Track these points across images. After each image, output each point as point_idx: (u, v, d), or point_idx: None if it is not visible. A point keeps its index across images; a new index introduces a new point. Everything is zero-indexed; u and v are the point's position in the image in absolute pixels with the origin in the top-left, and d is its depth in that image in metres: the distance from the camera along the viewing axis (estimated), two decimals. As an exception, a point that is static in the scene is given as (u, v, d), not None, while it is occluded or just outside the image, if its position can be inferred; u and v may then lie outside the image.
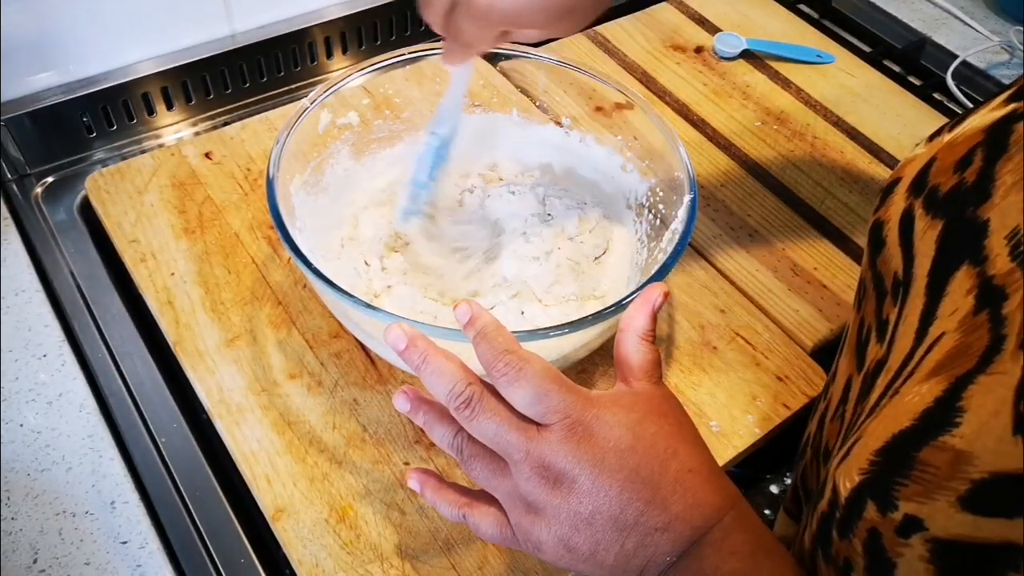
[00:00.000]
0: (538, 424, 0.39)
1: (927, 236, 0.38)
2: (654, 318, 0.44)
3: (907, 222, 0.40)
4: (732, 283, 0.67)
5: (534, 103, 0.72)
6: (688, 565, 0.38)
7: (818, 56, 0.89)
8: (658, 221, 0.62)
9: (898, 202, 0.41)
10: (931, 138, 0.42)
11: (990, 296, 0.32)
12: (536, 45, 0.66)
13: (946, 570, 0.31)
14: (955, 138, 0.39)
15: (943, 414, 0.31)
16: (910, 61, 0.94)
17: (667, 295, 0.45)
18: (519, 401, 0.39)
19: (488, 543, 0.51)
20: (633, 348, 0.43)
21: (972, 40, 0.94)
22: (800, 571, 0.39)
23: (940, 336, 0.34)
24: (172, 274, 0.64)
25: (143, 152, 0.76)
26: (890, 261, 0.41)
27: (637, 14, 0.93)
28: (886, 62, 0.94)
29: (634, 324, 0.44)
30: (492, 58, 0.68)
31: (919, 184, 0.40)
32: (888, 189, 0.43)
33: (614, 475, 0.38)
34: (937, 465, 0.31)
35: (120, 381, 0.60)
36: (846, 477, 0.35)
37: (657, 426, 0.40)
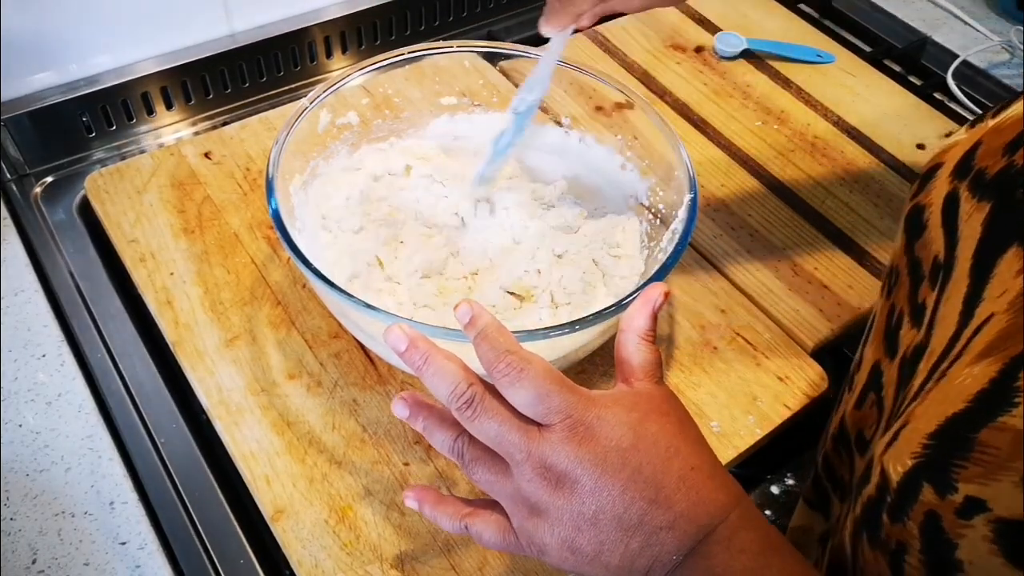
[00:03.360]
0: (539, 425, 0.39)
1: (973, 219, 0.38)
2: (655, 318, 0.44)
3: (951, 205, 0.40)
4: (732, 283, 0.67)
5: (534, 103, 0.71)
6: (696, 564, 0.38)
7: (818, 56, 0.89)
8: (658, 221, 0.62)
9: (940, 186, 0.41)
10: (972, 125, 0.43)
11: None
12: (536, 45, 0.66)
13: (1011, 549, 0.31)
14: (1001, 122, 0.40)
15: (1000, 395, 0.31)
16: (910, 61, 0.94)
17: (668, 295, 0.45)
18: (520, 401, 0.39)
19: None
20: (634, 348, 0.43)
21: (972, 40, 0.93)
22: (809, 567, 0.39)
23: (989, 317, 0.34)
24: (171, 274, 0.64)
25: (142, 152, 0.76)
26: (930, 245, 0.41)
27: (637, 14, 0.93)
28: (886, 62, 0.94)
29: (634, 324, 0.44)
30: (492, 58, 0.68)
31: (963, 168, 0.40)
32: (927, 175, 0.43)
33: (616, 474, 0.38)
34: (997, 446, 0.31)
35: (119, 381, 0.60)
36: (896, 462, 0.35)
37: (659, 425, 0.40)
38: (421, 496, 0.44)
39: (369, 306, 0.47)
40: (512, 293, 0.60)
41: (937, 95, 0.90)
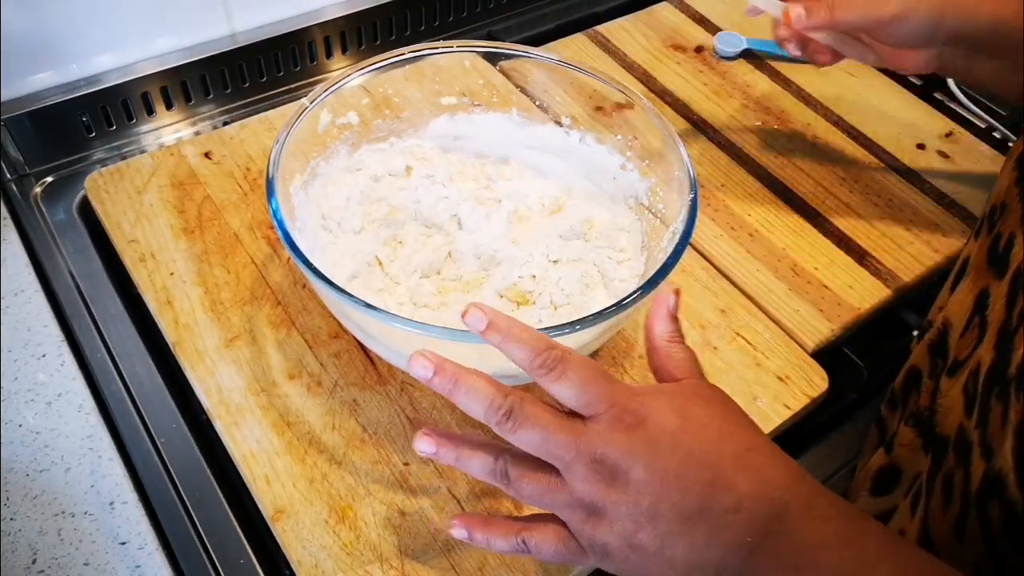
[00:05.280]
0: (584, 419, 0.38)
1: None
2: (674, 319, 0.44)
3: None
4: (732, 283, 0.67)
5: (534, 103, 0.71)
6: (778, 543, 0.36)
7: (818, 56, 0.89)
8: (658, 221, 0.62)
9: None
10: None
11: None
12: (536, 45, 0.66)
13: None
14: None
15: None
16: (910, 61, 0.94)
17: (679, 293, 0.45)
18: (564, 394, 0.38)
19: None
20: (664, 353, 0.43)
21: (972, 40, 0.93)
22: (895, 533, 0.38)
23: None
24: (171, 274, 0.64)
25: (142, 152, 0.76)
26: None
27: (637, 13, 0.93)
28: (886, 62, 0.94)
29: (657, 331, 0.43)
30: (492, 58, 0.68)
31: None
32: None
33: (668, 459, 0.37)
34: None
35: (119, 381, 0.60)
36: None
37: (705, 409, 0.39)
38: (469, 523, 0.42)
39: (369, 306, 0.47)
40: (511, 295, 0.59)
41: (937, 95, 0.90)
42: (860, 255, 0.70)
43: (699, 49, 0.90)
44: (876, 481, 0.55)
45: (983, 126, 0.86)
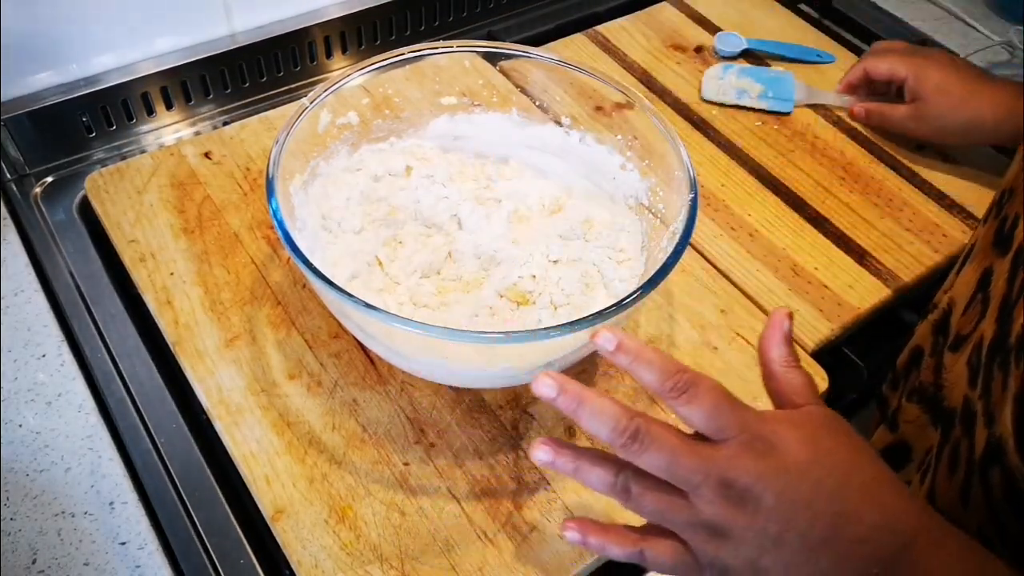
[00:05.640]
0: (711, 442, 0.38)
1: None
2: (789, 342, 0.43)
3: None
4: (732, 283, 0.67)
5: (534, 103, 0.71)
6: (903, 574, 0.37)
7: (818, 56, 0.89)
8: (658, 221, 0.62)
9: None
10: None
11: None
12: (536, 45, 0.66)
13: None
14: None
15: None
16: (910, 61, 0.94)
17: (791, 316, 0.44)
18: (695, 417, 0.38)
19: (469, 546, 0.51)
20: (782, 377, 0.43)
21: (972, 40, 0.93)
22: (1009, 567, 0.39)
23: None
24: (171, 274, 0.64)
25: (142, 152, 0.76)
26: None
27: (637, 14, 0.93)
28: (886, 62, 0.94)
29: (772, 355, 0.43)
30: (492, 58, 0.68)
31: None
32: None
33: (798, 489, 0.37)
34: None
35: (119, 381, 0.60)
36: None
37: (832, 440, 0.39)
38: (584, 528, 0.42)
39: (369, 306, 0.47)
40: (511, 295, 0.59)
41: (937, 95, 0.90)
42: (860, 255, 0.70)
43: (699, 49, 0.89)
44: (884, 459, 0.56)
45: (983, 126, 0.86)
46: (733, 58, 0.88)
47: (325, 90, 0.60)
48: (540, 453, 0.41)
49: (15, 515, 0.51)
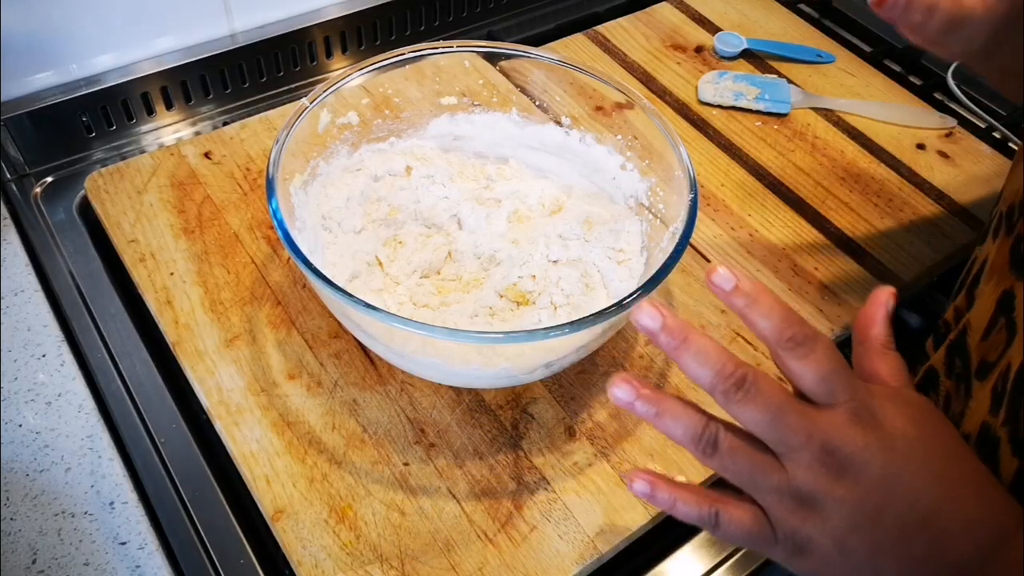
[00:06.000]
0: (817, 407, 0.35)
1: None
2: (890, 323, 0.41)
3: None
4: (732, 283, 0.67)
5: (534, 103, 0.71)
6: (995, 572, 0.35)
7: (818, 56, 0.89)
8: (658, 221, 0.62)
9: None
10: None
11: None
12: (536, 45, 0.66)
13: None
14: None
15: None
16: (910, 61, 0.94)
17: (896, 295, 0.41)
18: (808, 376, 0.35)
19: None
20: (879, 358, 0.40)
21: (972, 40, 0.93)
22: None
23: None
24: (171, 274, 0.64)
25: (142, 152, 0.76)
26: None
27: (637, 14, 0.93)
28: (886, 62, 0.94)
29: (872, 334, 0.40)
30: (492, 58, 0.68)
31: None
32: None
33: (903, 467, 0.35)
34: None
35: (119, 381, 0.60)
36: None
37: (936, 424, 0.37)
38: (652, 479, 0.38)
39: (369, 306, 0.47)
40: (511, 295, 0.59)
41: (937, 95, 0.90)
42: (860, 255, 0.70)
43: (699, 49, 0.90)
44: None
45: (983, 126, 0.86)
46: (733, 58, 0.88)
47: (325, 90, 0.60)
48: (618, 391, 0.36)
49: (15, 515, 0.51)
